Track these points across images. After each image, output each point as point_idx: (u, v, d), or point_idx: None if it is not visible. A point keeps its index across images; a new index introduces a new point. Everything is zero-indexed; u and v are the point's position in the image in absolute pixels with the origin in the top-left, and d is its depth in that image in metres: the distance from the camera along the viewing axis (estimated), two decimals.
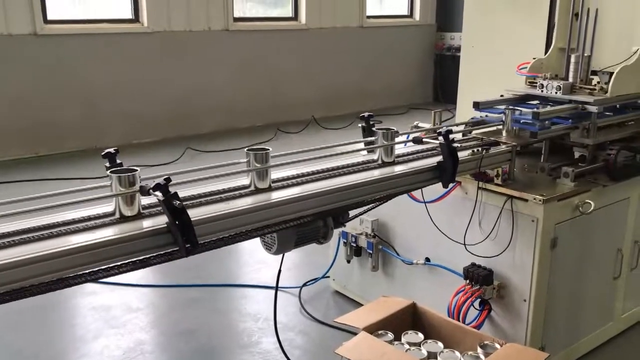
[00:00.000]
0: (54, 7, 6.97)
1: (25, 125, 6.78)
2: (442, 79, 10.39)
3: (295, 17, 9.02)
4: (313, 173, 2.25)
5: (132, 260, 1.73)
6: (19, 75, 6.70)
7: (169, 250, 1.72)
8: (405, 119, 8.70)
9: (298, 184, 2.14)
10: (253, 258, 4.22)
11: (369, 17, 9.79)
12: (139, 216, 1.78)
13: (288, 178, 2.15)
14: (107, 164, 1.91)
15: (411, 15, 10.53)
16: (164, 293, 3.81)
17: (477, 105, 2.93)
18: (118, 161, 1.93)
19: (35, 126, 6.85)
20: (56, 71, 6.93)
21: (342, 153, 2.50)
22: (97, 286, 3.73)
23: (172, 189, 1.67)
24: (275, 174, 2.12)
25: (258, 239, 2.17)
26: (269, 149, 2.00)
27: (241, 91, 8.43)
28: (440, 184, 2.41)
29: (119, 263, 1.71)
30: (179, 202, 1.62)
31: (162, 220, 1.70)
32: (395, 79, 10.17)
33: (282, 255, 2.46)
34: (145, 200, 1.82)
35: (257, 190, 2.00)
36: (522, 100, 3.16)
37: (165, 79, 7.71)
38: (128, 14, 7.53)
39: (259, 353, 3.10)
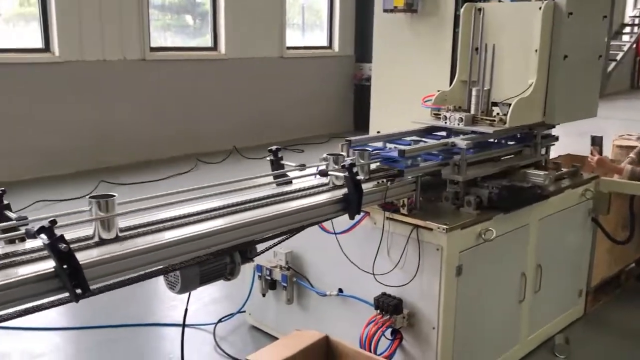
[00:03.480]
0: None
1: None
2: (360, 108, 10.59)
3: (215, 47, 9.00)
4: (219, 208, 2.21)
5: (22, 306, 1.64)
6: None
7: (59, 296, 1.64)
8: (326, 147, 8.80)
9: (200, 220, 2.10)
10: (168, 294, 4.08)
11: (289, 47, 9.90)
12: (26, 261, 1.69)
13: (188, 215, 2.10)
14: None
15: (330, 46, 10.74)
16: (71, 336, 3.62)
17: (349, 143, 2.81)
18: (6, 202, 1.85)
19: None
20: None
21: (251, 187, 2.48)
22: None
23: (60, 230, 1.59)
24: (176, 211, 2.07)
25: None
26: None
27: (160, 122, 8.27)
28: (347, 215, 2.43)
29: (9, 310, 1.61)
30: (65, 245, 1.55)
31: (38, 267, 1.62)
32: (317, 109, 10.29)
33: (188, 293, 2.41)
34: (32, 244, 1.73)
35: (151, 230, 1.93)
36: (427, 131, 3.26)
37: (78, 110, 7.46)
38: (38, 43, 7.27)
39: None
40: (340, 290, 3.05)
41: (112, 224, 1.80)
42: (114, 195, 1.80)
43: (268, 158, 2.60)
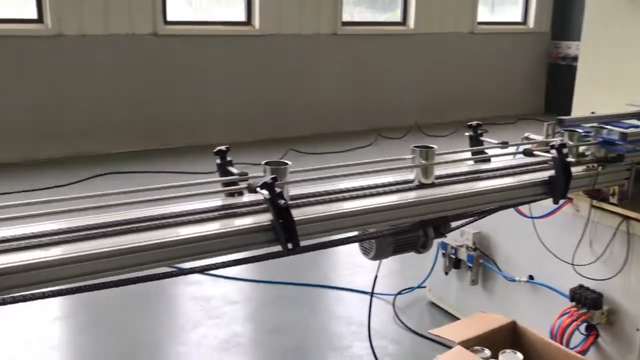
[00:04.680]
0: (173, 9, 7.37)
1: (138, 120, 7.20)
2: (554, 90, 9.93)
3: (404, 22, 8.96)
4: (410, 181, 2.21)
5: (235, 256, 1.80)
6: (137, 72, 7.14)
7: (270, 249, 1.77)
8: (513, 130, 8.39)
9: (399, 190, 2.12)
10: (349, 261, 4.23)
11: (480, 23, 9.55)
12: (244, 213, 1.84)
13: (389, 184, 2.13)
14: (218, 161, 2.00)
15: (525, 22, 10.15)
16: (260, 288, 3.91)
17: (561, 122, 2.59)
18: (228, 158, 2.02)
19: (147, 121, 7.26)
20: (170, 70, 7.32)
21: (447, 162, 2.44)
22: (200, 277, 3.89)
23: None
24: (370, 181, 2.11)
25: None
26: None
27: (345, 95, 8.49)
28: (550, 199, 2.30)
29: (223, 258, 1.78)
30: (284, 201, 1.65)
31: (261, 219, 1.74)
32: (505, 88, 9.84)
33: (379, 261, 2.46)
34: (250, 198, 1.88)
35: (365, 195, 1.99)
36: None
37: (271, 82, 7.92)
38: (242, 16, 7.82)
39: (350, 357, 3.10)
40: (531, 277, 2.92)
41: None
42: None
43: (467, 134, 2.53)
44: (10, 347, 3.16)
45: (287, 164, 1.85)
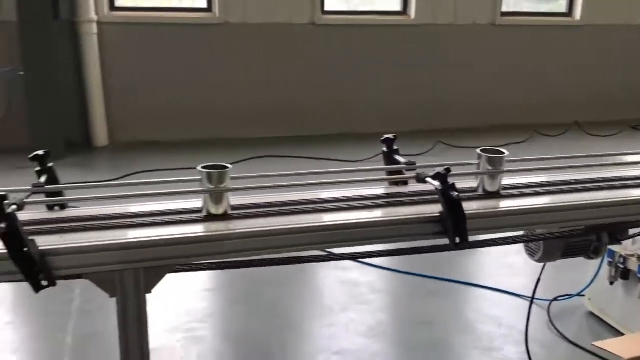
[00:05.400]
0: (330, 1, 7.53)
1: (289, 106, 7.44)
2: None
3: (570, 13, 8.40)
4: (588, 182, 2.07)
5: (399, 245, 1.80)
6: (294, 60, 7.38)
7: (436, 241, 1.74)
8: None
9: (571, 191, 1.98)
10: (499, 260, 4.07)
11: None
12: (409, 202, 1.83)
13: (563, 183, 2.01)
14: (384, 149, 2.01)
15: None
16: (404, 279, 3.88)
17: None
18: (395, 147, 2.02)
19: (298, 108, 7.49)
20: (326, 59, 7.47)
21: (617, 164, 2.27)
22: (347, 263, 3.95)
23: None
24: (535, 179, 2.00)
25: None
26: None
27: (500, 88, 8.16)
28: None
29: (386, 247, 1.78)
30: (456, 193, 1.61)
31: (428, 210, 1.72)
32: None
33: (543, 264, 2.34)
34: (417, 188, 1.86)
35: (534, 193, 1.90)
36: None
37: (423, 72, 7.81)
38: (398, 7, 7.79)
39: None
40: None
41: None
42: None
43: None
44: (170, 313, 3.43)
45: (503, 153, 1.84)
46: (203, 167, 1.66)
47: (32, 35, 6.00)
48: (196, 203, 1.72)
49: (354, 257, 1.90)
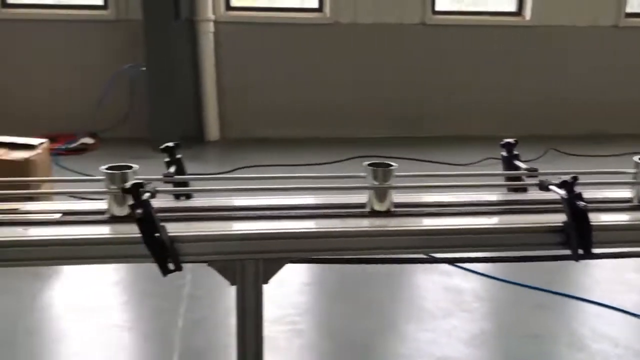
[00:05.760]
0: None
1: (393, 106, 7.39)
2: None
3: None
4: None
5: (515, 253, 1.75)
6: (404, 60, 7.34)
7: (557, 251, 1.67)
8: None
9: None
10: (615, 275, 3.84)
11: None
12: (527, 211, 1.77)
13: None
14: (504, 153, 1.96)
15: None
16: (510, 289, 3.74)
17: None
18: (515, 152, 1.96)
19: (404, 108, 7.43)
20: (436, 59, 7.37)
21: None
22: (450, 268, 3.87)
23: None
24: None
25: None
26: None
27: (621, 94, 7.66)
28: None
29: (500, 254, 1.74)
30: (583, 203, 1.54)
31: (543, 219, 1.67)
32: None
33: None
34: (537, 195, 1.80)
35: None
36: None
37: (538, 75, 7.51)
38: (512, 7, 7.54)
39: None
40: None
41: None
42: None
43: None
44: (273, 305, 3.51)
45: None
46: (369, 165, 1.72)
47: (155, 33, 6.36)
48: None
49: (469, 260, 1.86)
